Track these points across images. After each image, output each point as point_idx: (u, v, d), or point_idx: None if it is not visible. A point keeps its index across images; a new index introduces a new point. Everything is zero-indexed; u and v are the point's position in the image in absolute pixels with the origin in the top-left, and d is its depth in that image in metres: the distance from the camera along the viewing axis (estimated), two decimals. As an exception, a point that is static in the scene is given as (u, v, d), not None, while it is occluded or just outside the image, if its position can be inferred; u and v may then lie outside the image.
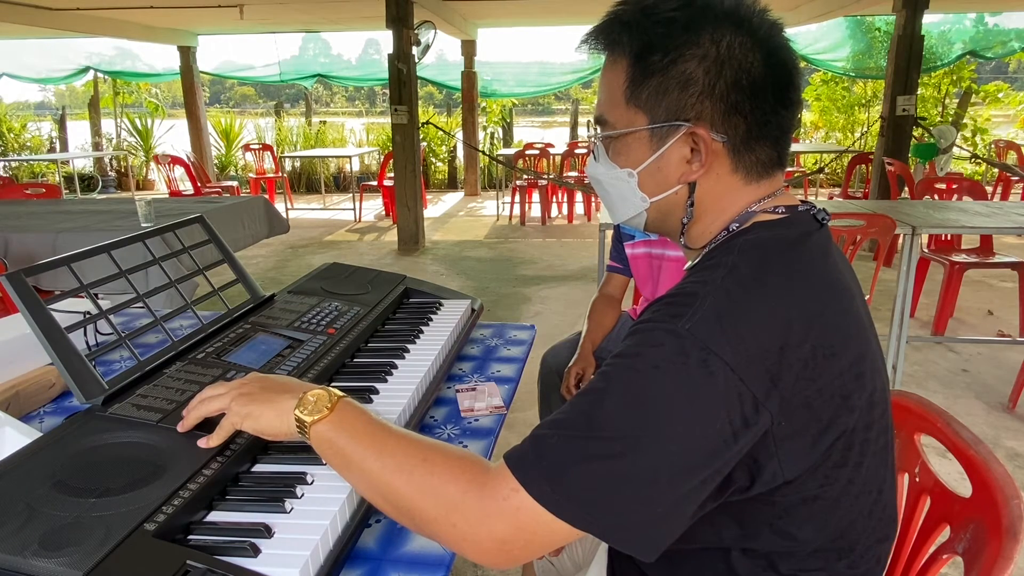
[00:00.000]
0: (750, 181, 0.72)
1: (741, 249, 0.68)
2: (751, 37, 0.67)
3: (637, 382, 0.61)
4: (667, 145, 0.70)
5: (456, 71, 9.45)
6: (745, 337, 0.61)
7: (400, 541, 0.79)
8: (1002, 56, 8.93)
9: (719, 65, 0.66)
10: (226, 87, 31.58)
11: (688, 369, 0.60)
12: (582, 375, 1.88)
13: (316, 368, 1.05)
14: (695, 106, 0.68)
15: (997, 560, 0.72)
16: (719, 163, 0.70)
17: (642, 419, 0.60)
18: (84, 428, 0.82)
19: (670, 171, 0.72)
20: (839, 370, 0.64)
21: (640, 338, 0.64)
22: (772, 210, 0.72)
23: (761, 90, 0.67)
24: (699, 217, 0.74)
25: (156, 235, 1.18)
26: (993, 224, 2.93)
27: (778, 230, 0.70)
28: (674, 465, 0.59)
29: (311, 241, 6.60)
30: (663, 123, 0.70)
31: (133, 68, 10.59)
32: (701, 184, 0.72)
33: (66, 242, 2.87)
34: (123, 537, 0.64)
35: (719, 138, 0.69)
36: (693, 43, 0.67)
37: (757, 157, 0.70)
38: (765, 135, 0.69)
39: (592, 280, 4.90)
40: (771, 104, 0.68)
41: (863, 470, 0.69)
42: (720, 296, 0.63)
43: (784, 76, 0.68)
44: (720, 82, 0.67)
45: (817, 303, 0.65)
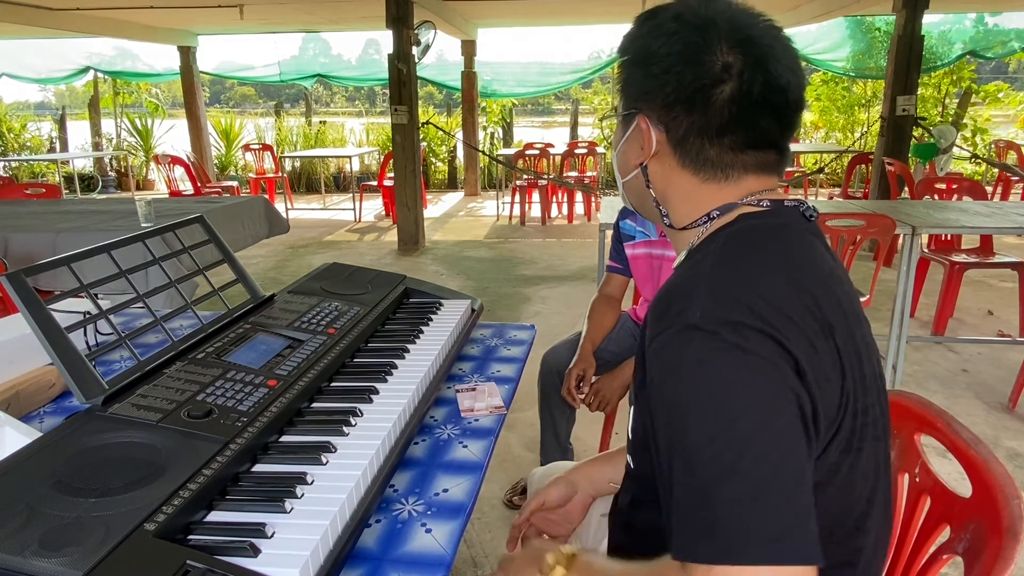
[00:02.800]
0: (707, 180, 0.75)
1: (727, 236, 0.72)
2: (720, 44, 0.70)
3: (700, 403, 0.60)
4: (629, 130, 0.79)
5: (456, 71, 9.44)
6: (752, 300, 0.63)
7: (400, 541, 0.79)
8: (1002, 56, 8.93)
9: (668, 63, 0.72)
10: (226, 87, 31.57)
11: (725, 353, 0.60)
12: (583, 376, 1.88)
13: (316, 368, 1.05)
14: (645, 97, 0.75)
15: (997, 560, 0.72)
16: (666, 155, 0.76)
17: (735, 429, 0.58)
18: (84, 428, 0.82)
19: (630, 154, 0.80)
20: (835, 345, 0.65)
21: (666, 360, 0.64)
22: (757, 203, 0.74)
23: (705, 94, 0.70)
24: (666, 201, 0.79)
25: (156, 235, 1.18)
26: (993, 224, 2.93)
27: (764, 219, 0.73)
28: (781, 446, 0.58)
29: (311, 241, 6.60)
30: (626, 110, 0.78)
31: (133, 68, 10.58)
32: (652, 171, 0.78)
33: (66, 242, 2.87)
34: (123, 537, 0.64)
35: (659, 128, 0.74)
36: (655, 42, 0.73)
37: (705, 156, 0.74)
38: (711, 138, 0.72)
39: (592, 280, 4.90)
40: (719, 109, 0.70)
41: (862, 456, 0.69)
42: (716, 275, 0.67)
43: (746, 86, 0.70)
44: (666, 79, 0.72)
45: (806, 277, 0.67)
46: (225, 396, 0.92)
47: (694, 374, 0.61)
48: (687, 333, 0.62)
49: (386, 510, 0.86)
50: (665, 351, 0.64)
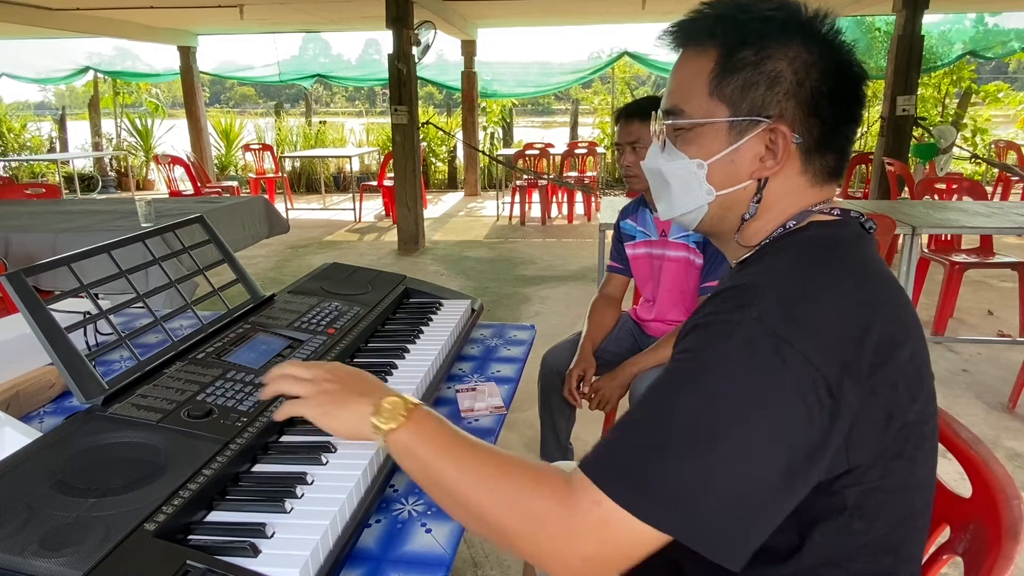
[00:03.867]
0: (814, 185, 0.74)
1: (803, 243, 0.71)
2: (827, 49, 0.70)
3: (710, 375, 0.61)
4: (745, 139, 0.72)
5: (456, 71, 9.44)
6: (815, 324, 0.61)
7: (400, 541, 0.79)
8: (1002, 56, 8.93)
9: (807, 68, 0.69)
10: (226, 87, 31.56)
11: (761, 359, 0.60)
12: (583, 376, 1.88)
13: (316, 368, 1.05)
14: (779, 104, 0.70)
15: (997, 560, 0.72)
16: (791, 163, 0.72)
17: (720, 412, 0.59)
18: (84, 428, 0.82)
19: (743, 165, 0.73)
20: (902, 360, 0.65)
21: (707, 332, 0.64)
22: (828, 211, 0.74)
23: (836, 99, 0.70)
24: (761, 214, 0.75)
25: (156, 235, 1.18)
26: (993, 224, 2.93)
27: (835, 229, 0.72)
28: (758, 458, 0.58)
29: (311, 241, 6.60)
30: (745, 117, 0.71)
31: (133, 68, 10.60)
32: (772, 181, 0.73)
33: (66, 242, 2.87)
34: (123, 537, 0.64)
35: (796, 139, 0.71)
36: (786, 43, 0.69)
37: (825, 163, 0.73)
38: (833, 143, 0.72)
39: (592, 280, 4.90)
40: (843, 115, 0.71)
41: (917, 465, 0.69)
42: (787, 285, 0.65)
43: (853, 91, 0.71)
44: (807, 84, 0.69)
45: (880, 295, 0.67)
46: (225, 396, 0.92)
47: (720, 363, 0.61)
48: (735, 327, 0.62)
49: (386, 510, 0.86)
50: (706, 329, 0.64)
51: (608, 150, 10.00)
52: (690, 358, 0.63)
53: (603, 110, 11.12)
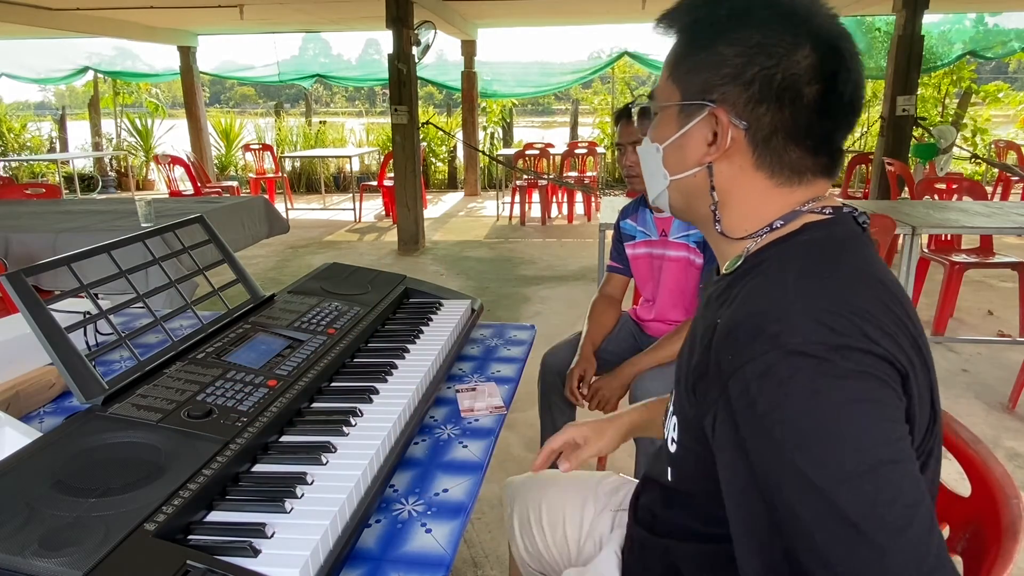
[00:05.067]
0: (780, 183, 0.70)
1: (802, 249, 0.68)
2: (809, 39, 0.66)
3: (812, 425, 0.56)
4: (692, 123, 0.71)
5: (456, 71, 9.44)
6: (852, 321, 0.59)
7: (400, 541, 0.79)
8: (1002, 56, 8.93)
9: (754, 54, 0.66)
10: (226, 87, 31.56)
11: (841, 377, 0.56)
12: (583, 376, 1.88)
13: (316, 368, 1.05)
14: (721, 88, 0.68)
15: (997, 560, 0.72)
16: (740, 154, 0.70)
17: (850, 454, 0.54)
18: (84, 428, 0.82)
19: (690, 150, 0.72)
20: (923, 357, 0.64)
21: (769, 384, 0.58)
22: (820, 211, 0.71)
23: (796, 91, 0.66)
24: (727, 206, 0.73)
25: (156, 235, 1.18)
26: (993, 224, 2.93)
27: (830, 229, 0.70)
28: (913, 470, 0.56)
29: (311, 241, 6.60)
30: (692, 100, 0.70)
31: (133, 68, 10.59)
32: (720, 170, 0.71)
33: (66, 242, 2.87)
34: (123, 537, 0.64)
35: (740, 124, 0.68)
36: (736, 28, 0.67)
37: (787, 159, 0.69)
38: (797, 138, 0.68)
39: (592, 280, 4.90)
40: (808, 108, 0.67)
41: (931, 461, 0.68)
42: (807, 298, 0.61)
43: (833, 85, 0.66)
44: (750, 71, 0.66)
45: (885, 292, 0.65)
46: (225, 396, 0.92)
47: (811, 405, 0.56)
48: (793, 360, 0.57)
49: (386, 510, 0.86)
50: (770, 379, 0.58)
51: (608, 150, 10.00)
52: (781, 432, 0.57)
53: (603, 110, 11.12)
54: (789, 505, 0.56)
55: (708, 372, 0.65)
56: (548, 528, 1.18)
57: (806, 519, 0.55)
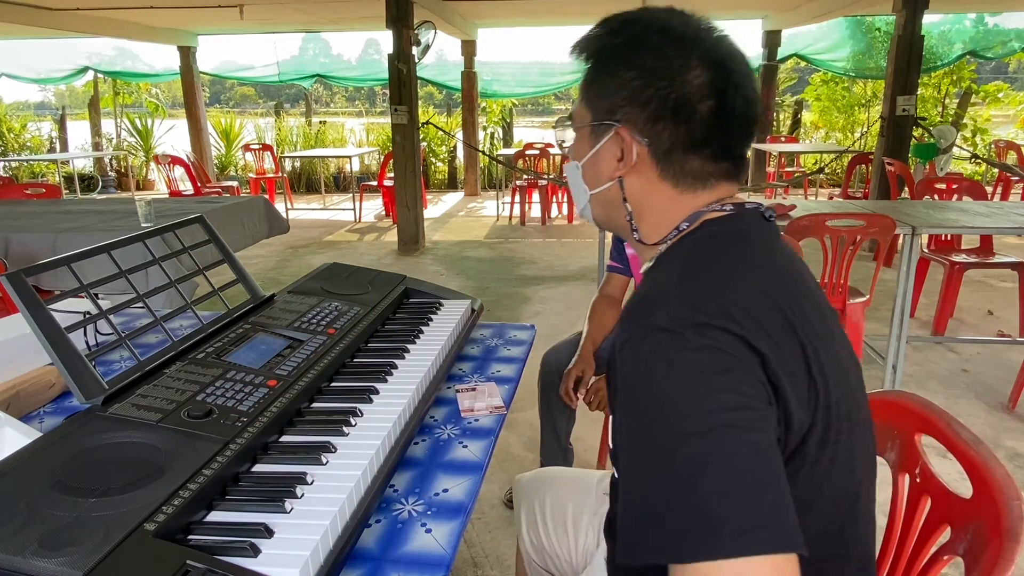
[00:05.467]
0: (684, 190, 0.76)
1: (693, 244, 0.75)
2: (699, 61, 0.72)
3: (664, 393, 0.61)
4: (602, 142, 0.78)
5: (456, 71, 9.44)
6: (724, 304, 0.64)
7: (400, 541, 0.79)
8: (1002, 56, 8.92)
9: (649, 76, 0.73)
10: (226, 87, 31.55)
11: (692, 352, 0.61)
12: (581, 376, 1.88)
13: (316, 368, 1.05)
14: (623, 108, 0.75)
15: (998, 561, 0.72)
16: (646, 167, 0.76)
17: (695, 420, 0.59)
18: (84, 428, 0.82)
19: (603, 166, 0.79)
20: (799, 340, 0.66)
21: (633, 359, 0.64)
22: (720, 208, 0.76)
23: (690, 108, 0.72)
24: (641, 216, 0.80)
25: (156, 235, 1.18)
26: (993, 224, 2.92)
27: (727, 224, 0.75)
28: (752, 438, 0.59)
29: (311, 241, 6.60)
30: (600, 121, 0.77)
31: (133, 68, 10.58)
32: (630, 183, 0.78)
33: (66, 242, 2.86)
34: (123, 537, 0.64)
35: (642, 141, 0.75)
36: (633, 54, 0.74)
37: (688, 168, 0.75)
38: (695, 150, 0.74)
39: (592, 280, 4.90)
40: (703, 122, 0.73)
41: (840, 448, 0.69)
42: (684, 284, 0.69)
43: (724, 101, 0.73)
44: (647, 92, 0.73)
45: (767, 279, 0.69)
46: (225, 396, 0.92)
47: (664, 375, 0.61)
48: (655, 336, 0.63)
49: (386, 510, 0.86)
50: (634, 355, 0.64)
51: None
52: (641, 402, 0.63)
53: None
54: (632, 463, 0.62)
55: (611, 360, 0.71)
56: (552, 525, 1.20)
57: (641, 476, 0.61)
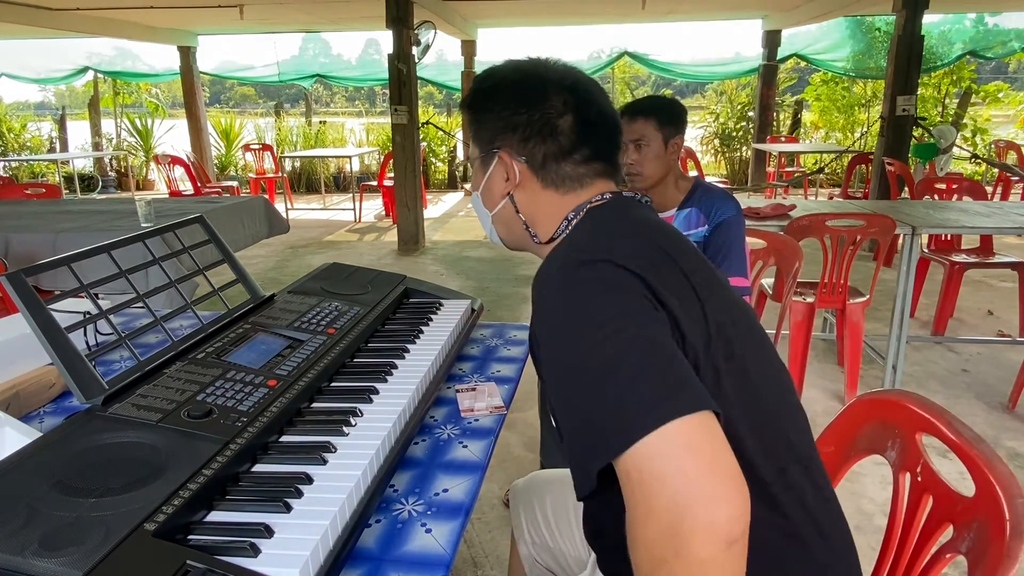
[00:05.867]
0: (566, 192, 0.89)
1: (583, 220, 0.88)
2: (549, 87, 0.87)
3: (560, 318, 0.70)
4: (490, 168, 0.92)
5: (456, 71, 9.45)
6: (613, 247, 0.76)
7: (400, 541, 0.79)
8: (1002, 56, 8.92)
9: (515, 107, 0.88)
10: (226, 87, 31.54)
11: (584, 281, 0.71)
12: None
13: (316, 368, 1.05)
14: (500, 136, 0.90)
15: (1001, 560, 0.72)
16: (529, 180, 0.90)
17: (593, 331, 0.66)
18: (84, 428, 0.82)
19: (495, 189, 0.92)
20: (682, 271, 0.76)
21: (536, 306, 0.75)
22: (601, 198, 0.88)
23: (552, 125, 0.87)
24: (534, 222, 0.92)
25: (156, 235, 1.18)
26: (993, 224, 2.92)
27: (606, 205, 0.88)
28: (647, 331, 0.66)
29: (311, 241, 6.60)
30: (485, 152, 0.92)
31: (133, 68, 10.59)
32: (520, 198, 0.91)
33: (66, 242, 2.86)
34: (123, 537, 0.64)
35: (520, 160, 0.89)
36: (499, 93, 0.90)
37: (563, 173, 0.89)
38: (565, 158, 0.88)
39: (592, 280, 4.89)
40: (566, 134, 0.87)
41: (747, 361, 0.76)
42: (581, 239, 0.83)
43: (583, 113, 0.87)
44: (516, 119, 0.88)
45: (648, 231, 0.82)
46: (225, 396, 0.92)
47: (559, 303, 0.71)
48: (548, 279, 0.75)
49: (386, 510, 0.85)
50: (537, 301, 0.75)
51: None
52: (545, 335, 0.71)
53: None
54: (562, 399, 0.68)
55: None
56: (555, 523, 1.21)
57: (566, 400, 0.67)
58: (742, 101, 10.12)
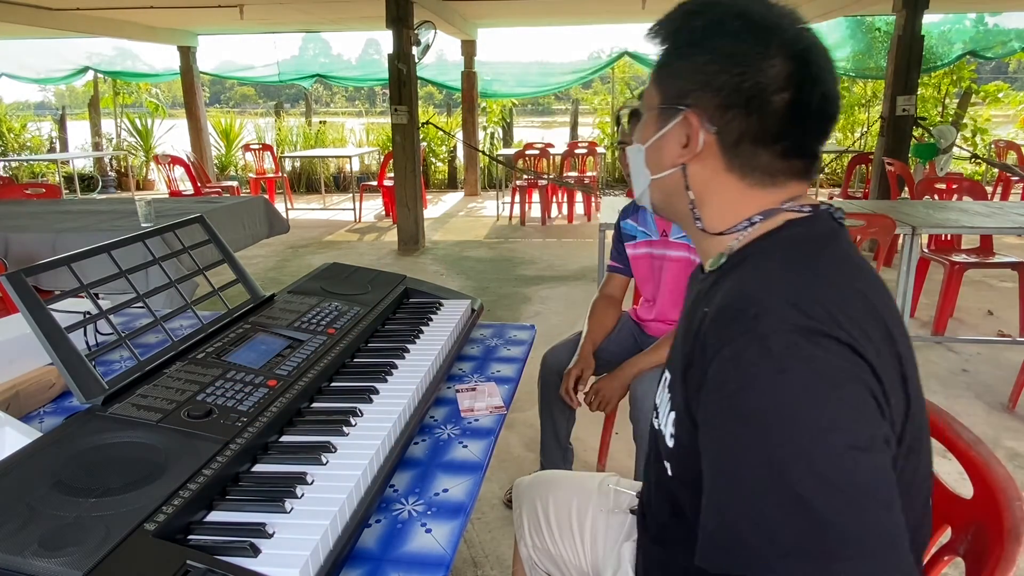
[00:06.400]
0: (753, 185, 0.73)
1: (783, 243, 0.72)
2: (778, 50, 0.69)
3: (776, 404, 0.58)
4: (668, 126, 0.75)
5: (456, 71, 9.44)
6: (832, 311, 0.61)
7: (400, 541, 0.79)
8: (1002, 56, 8.92)
9: (724, 63, 0.70)
10: (226, 87, 31.55)
11: (807, 359, 0.59)
12: (581, 376, 1.88)
13: (316, 368, 1.05)
14: (694, 93, 0.72)
15: (1000, 562, 0.72)
16: (712, 156, 0.73)
17: (814, 435, 0.56)
18: (84, 428, 0.82)
19: (667, 151, 0.76)
20: (896, 351, 0.65)
21: (740, 365, 0.61)
22: (798, 209, 0.73)
23: (764, 99, 0.69)
24: (705, 205, 0.76)
25: (156, 235, 1.18)
26: (993, 224, 2.92)
27: (811, 226, 0.73)
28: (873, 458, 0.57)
29: (311, 241, 6.60)
30: (668, 104, 0.74)
31: (133, 68, 10.59)
32: (694, 172, 0.75)
33: (66, 242, 2.86)
34: (123, 537, 0.64)
35: (710, 129, 0.72)
36: (711, 38, 0.71)
37: (757, 162, 0.72)
38: (765, 143, 0.71)
39: (592, 280, 4.90)
40: (776, 115, 0.69)
41: (921, 459, 0.69)
42: (787, 286, 0.65)
43: (806, 96, 0.69)
44: (721, 78, 0.70)
45: (862, 282, 0.68)
46: (225, 396, 0.92)
47: (774, 384, 0.59)
48: (764, 342, 0.60)
49: (386, 510, 0.86)
50: (741, 360, 0.61)
51: (608, 150, 10.00)
52: (748, 410, 0.59)
53: (603, 110, 11.11)
54: (738, 476, 0.59)
55: (695, 360, 0.68)
56: (556, 527, 1.19)
57: (746, 487, 0.58)
58: (742, 101, 10.10)
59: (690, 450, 0.72)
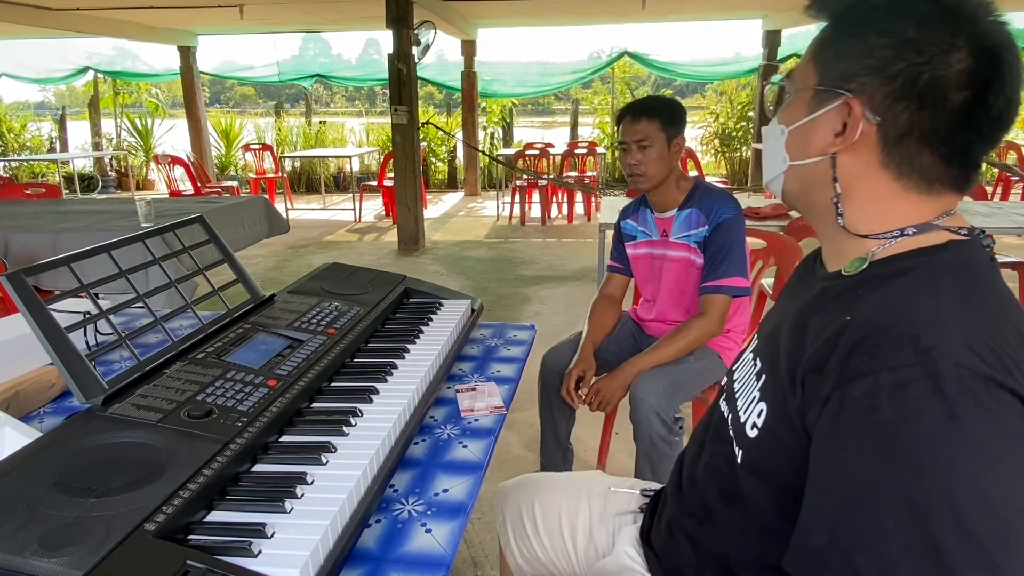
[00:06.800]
0: (908, 188, 0.67)
1: (952, 267, 0.65)
2: (967, 42, 0.62)
3: (931, 444, 0.54)
4: (823, 110, 0.69)
5: (456, 71, 9.45)
6: (1001, 355, 0.57)
7: (400, 541, 0.79)
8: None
9: (903, 48, 0.63)
10: (226, 87, 31.56)
11: (981, 411, 0.54)
12: (582, 377, 1.88)
13: (316, 368, 1.05)
14: (861, 78, 0.65)
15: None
16: (867, 149, 0.67)
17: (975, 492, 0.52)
18: (84, 428, 0.82)
19: (815, 138, 0.70)
20: None
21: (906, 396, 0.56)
22: (957, 230, 0.68)
23: (941, 94, 0.62)
24: (850, 201, 0.70)
25: (156, 235, 1.18)
26: (993, 224, 2.92)
27: (973, 252, 0.67)
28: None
29: (311, 241, 6.60)
30: (828, 87, 0.68)
31: (133, 68, 10.62)
32: (843, 163, 0.69)
33: (66, 242, 2.87)
34: (123, 537, 0.64)
35: (873, 119, 0.65)
36: (891, 19, 0.64)
37: (918, 163, 0.66)
38: (932, 144, 0.65)
39: (592, 280, 4.90)
40: (950, 115, 0.63)
41: None
42: (960, 319, 0.59)
43: (984, 95, 0.62)
44: (897, 65, 0.63)
45: (1013, 313, 0.63)
46: (225, 396, 0.92)
47: (942, 429, 0.54)
48: (937, 381, 0.55)
49: (386, 510, 0.86)
50: (906, 392, 0.56)
51: (608, 150, 10.00)
52: (902, 446, 0.55)
53: (603, 110, 11.11)
54: (879, 518, 0.55)
55: (826, 367, 0.63)
56: (544, 532, 1.16)
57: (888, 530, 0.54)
58: (742, 101, 10.12)
59: (777, 446, 0.69)
